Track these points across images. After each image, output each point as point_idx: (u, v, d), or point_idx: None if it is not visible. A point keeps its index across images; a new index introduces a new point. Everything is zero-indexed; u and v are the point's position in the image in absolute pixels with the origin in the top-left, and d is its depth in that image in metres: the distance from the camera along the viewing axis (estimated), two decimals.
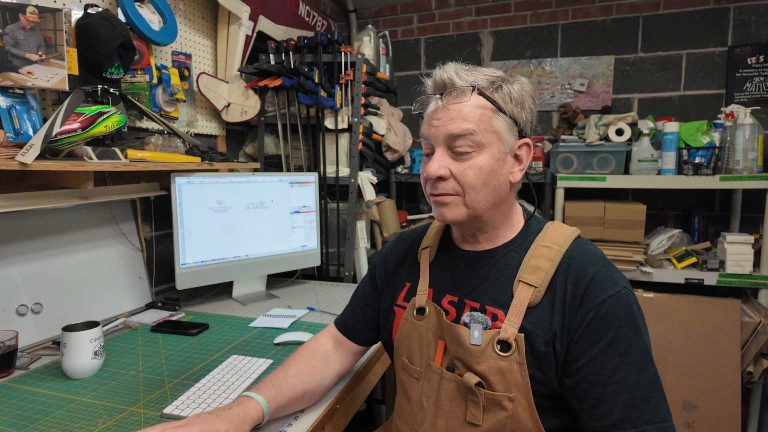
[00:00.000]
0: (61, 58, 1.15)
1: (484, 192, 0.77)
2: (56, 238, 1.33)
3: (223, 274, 1.64)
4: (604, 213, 2.07)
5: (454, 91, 0.77)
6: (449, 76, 0.77)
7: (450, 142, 0.77)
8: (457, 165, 0.77)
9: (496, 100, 0.77)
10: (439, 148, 0.79)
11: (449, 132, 0.76)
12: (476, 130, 0.75)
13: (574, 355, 0.73)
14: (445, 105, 0.77)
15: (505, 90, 0.77)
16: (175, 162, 1.46)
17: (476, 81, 0.77)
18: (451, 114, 0.76)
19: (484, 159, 0.76)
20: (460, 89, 0.76)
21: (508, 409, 0.74)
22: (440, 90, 0.79)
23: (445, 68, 0.79)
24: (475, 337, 0.77)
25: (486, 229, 0.84)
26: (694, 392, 1.87)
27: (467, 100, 0.76)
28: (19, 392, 1.00)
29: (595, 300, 0.73)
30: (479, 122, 0.75)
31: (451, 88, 0.77)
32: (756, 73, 2.21)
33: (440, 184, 0.79)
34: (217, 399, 0.95)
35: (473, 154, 0.76)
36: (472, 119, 0.75)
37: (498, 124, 0.77)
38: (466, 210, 0.79)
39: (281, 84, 1.93)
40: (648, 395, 0.70)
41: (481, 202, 0.78)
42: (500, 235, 0.85)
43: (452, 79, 0.77)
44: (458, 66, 0.79)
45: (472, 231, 0.85)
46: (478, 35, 2.64)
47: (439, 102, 0.78)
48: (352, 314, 1.03)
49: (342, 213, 2.05)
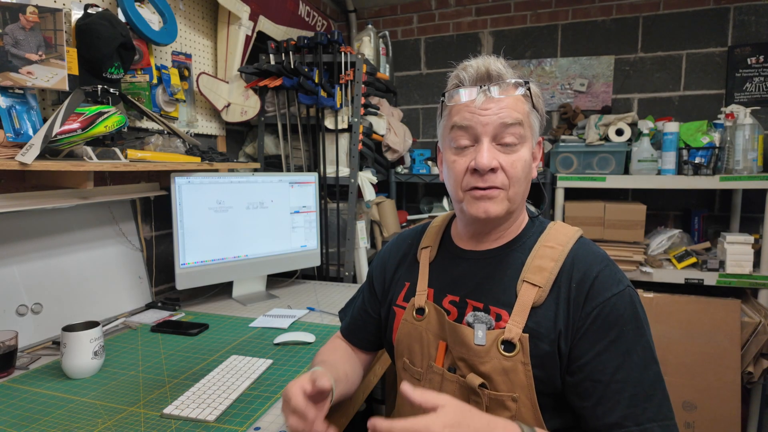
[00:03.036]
0: (61, 58, 1.15)
1: (524, 185, 0.79)
2: (56, 238, 1.33)
3: (223, 274, 1.64)
4: (604, 213, 2.08)
5: (504, 83, 0.77)
6: (497, 68, 0.77)
7: (499, 132, 0.76)
8: (505, 157, 0.76)
9: (532, 98, 0.79)
10: (485, 139, 0.76)
11: (501, 121, 0.75)
12: (524, 121, 0.77)
13: (577, 352, 0.73)
14: (493, 96, 0.76)
15: (533, 89, 0.80)
16: (175, 162, 1.46)
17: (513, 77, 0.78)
18: (501, 104, 0.76)
19: (526, 152, 0.78)
20: (510, 83, 0.77)
21: (512, 409, 0.74)
22: (484, 81, 0.78)
23: (484, 60, 0.79)
24: (479, 337, 0.76)
25: (503, 226, 0.84)
26: (694, 392, 1.87)
27: (519, 94, 0.77)
28: (19, 392, 1.00)
29: (599, 298, 0.73)
30: (524, 115, 0.77)
31: (500, 80, 0.77)
32: (756, 73, 2.21)
33: (490, 176, 0.76)
34: (217, 399, 0.95)
35: (518, 147, 0.77)
36: (520, 111, 0.77)
37: (533, 120, 0.79)
38: (507, 204, 0.78)
39: (281, 84, 1.93)
40: (651, 393, 0.70)
41: (519, 195, 0.79)
42: (506, 234, 0.85)
43: (500, 72, 0.77)
44: (496, 60, 0.79)
45: (489, 229, 0.84)
46: (478, 35, 2.64)
47: (488, 92, 0.77)
48: (352, 321, 1.04)
49: (342, 213, 2.05)
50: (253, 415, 0.91)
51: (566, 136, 2.28)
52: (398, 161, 2.56)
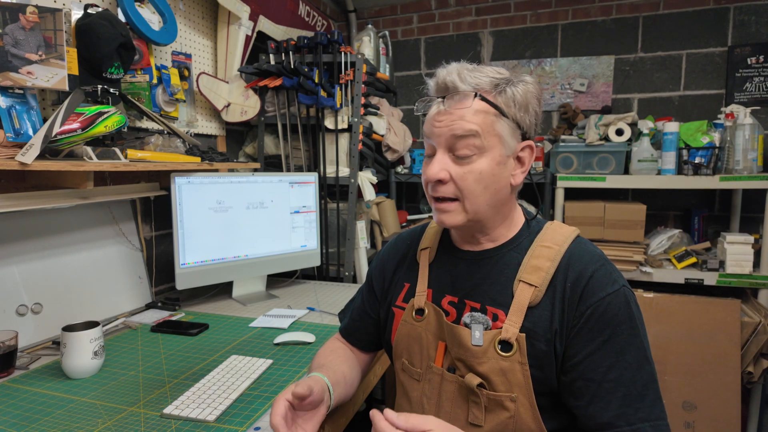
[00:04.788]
0: (61, 58, 1.15)
1: (484, 196, 0.77)
2: (56, 238, 1.33)
3: (223, 274, 1.64)
4: (604, 213, 2.07)
5: (457, 95, 0.75)
6: (452, 79, 0.76)
7: (452, 144, 0.76)
8: (457, 168, 0.76)
9: (499, 105, 0.75)
10: (440, 150, 0.77)
11: (452, 133, 0.75)
12: (480, 132, 0.74)
13: (570, 351, 0.73)
14: (447, 108, 0.76)
15: (509, 93, 0.76)
16: (175, 162, 1.46)
17: (479, 83, 0.75)
18: (453, 117, 0.75)
19: (484, 163, 0.75)
20: (463, 93, 0.75)
21: (510, 409, 0.74)
22: (442, 92, 0.78)
23: (448, 69, 0.77)
24: (476, 337, 0.77)
25: (487, 230, 0.83)
26: (694, 392, 1.87)
27: (469, 106, 0.74)
28: (19, 392, 1.00)
29: (593, 298, 0.73)
30: (482, 125, 0.74)
31: (454, 91, 0.76)
32: (756, 73, 2.21)
33: (440, 187, 0.78)
34: (217, 399, 0.95)
35: (474, 158, 0.75)
36: (475, 122, 0.74)
37: (500, 128, 0.75)
38: (465, 215, 0.78)
39: (281, 84, 1.93)
40: (643, 394, 0.70)
41: (481, 206, 0.77)
42: (500, 235, 0.84)
43: (455, 83, 0.75)
44: (462, 67, 0.77)
45: (472, 233, 0.85)
46: (478, 35, 2.64)
47: (441, 105, 0.77)
48: (351, 322, 1.04)
49: (342, 213, 2.05)
50: (253, 415, 0.91)
51: (566, 136, 2.28)
52: (398, 161, 2.56)
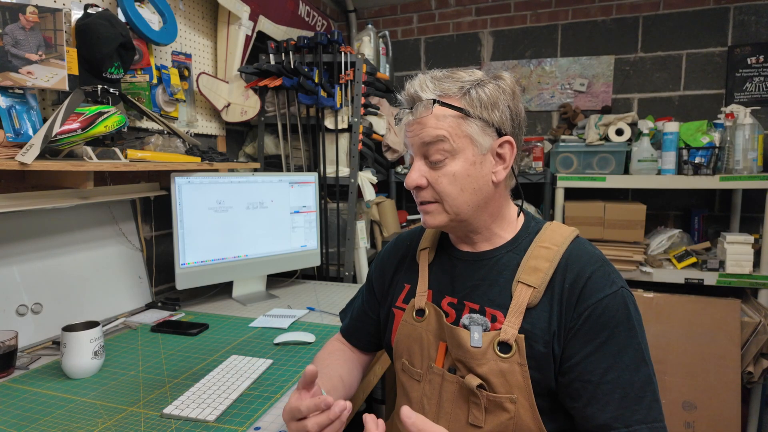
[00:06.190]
0: (61, 58, 1.15)
1: (463, 197, 0.79)
2: (56, 238, 1.33)
3: (223, 274, 1.64)
4: (604, 213, 2.08)
5: (420, 104, 0.79)
6: (414, 90, 0.80)
7: (425, 151, 0.79)
8: (432, 173, 0.79)
9: (463, 107, 0.77)
10: (416, 158, 0.81)
11: (421, 141, 0.79)
12: (447, 137, 0.76)
13: (568, 353, 0.73)
14: (414, 118, 0.80)
15: (473, 94, 0.77)
16: (175, 162, 1.46)
17: (444, 90, 0.78)
18: (420, 125, 0.79)
19: (457, 165, 0.77)
20: (426, 101, 0.78)
21: (510, 410, 0.74)
22: (410, 103, 0.82)
23: (412, 82, 0.81)
24: (475, 339, 0.77)
25: (479, 230, 0.84)
26: (694, 392, 1.87)
27: (431, 113, 0.78)
28: (19, 392, 1.00)
29: (591, 299, 0.73)
30: (449, 129, 0.77)
31: (418, 101, 0.79)
32: (756, 73, 2.21)
33: (420, 192, 0.81)
34: (217, 399, 0.95)
35: (446, 162, 0.78)
36: (442, 127, 0.77)
37: (469, 129, 0.77)
38: (447, 216, 0.81)
39: (281, 84, 1.93)
40: (641, 395, 0.70)
41: (462, 206, 0.79)
42: (497, 236, 0.85)
43: (417, 93, 0.79)
44: (427, 77, 0.80)
45: (464, 233, 0.85)
46: (478, 35, 2.64)
47: (410, 115, 0.81)
48: (352, 323, 1.05)
49: (342, 213, 2.05)
50: (253, 415, 0.91)
51: (566, 136, 2.29)
52: (398, 161, 2.56)
